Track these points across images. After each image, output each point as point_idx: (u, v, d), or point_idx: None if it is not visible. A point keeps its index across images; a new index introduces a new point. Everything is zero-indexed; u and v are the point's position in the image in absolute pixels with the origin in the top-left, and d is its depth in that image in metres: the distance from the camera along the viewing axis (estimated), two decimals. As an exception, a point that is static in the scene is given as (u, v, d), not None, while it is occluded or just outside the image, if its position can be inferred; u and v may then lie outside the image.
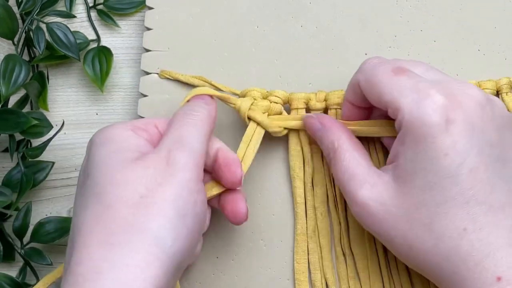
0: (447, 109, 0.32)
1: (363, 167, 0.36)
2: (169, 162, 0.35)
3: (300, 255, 0.42)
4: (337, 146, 0.37)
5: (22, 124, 0.43)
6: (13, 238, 0.45)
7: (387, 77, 0.35)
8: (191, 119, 0.37)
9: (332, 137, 0.38)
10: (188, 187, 0.34)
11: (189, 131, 0.36)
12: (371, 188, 0.35)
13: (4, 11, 0.44)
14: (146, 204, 0.33)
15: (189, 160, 0.35)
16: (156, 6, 0.45)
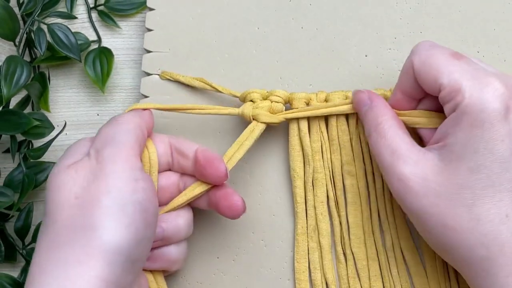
0: (507, 97, 0.33)
1: (406, 144, 0.36)
2: (99, 159, 0.36)
3: (300, 255, 0.42)
4: (381, 121, 0.37)
5: (23, 125, 0.43)
6: (15, 239, 0.45)
7: (446, 60, 0.35)
8: (116, 121, 0.38)
9: (377, 112, 0.38)
10: (122, 177, 0.35)
11: (115, 129, 0.38)
12: (415, 164, 0.35)
13: (5, 12, 0.44)
14: (82, 202, 0.34)
15: (117, 152, 0.36)
16: (157, 7, 0.45)
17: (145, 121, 0.40)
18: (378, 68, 0.43)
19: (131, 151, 0.36)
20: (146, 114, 0.40)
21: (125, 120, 0.38)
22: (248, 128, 0.41)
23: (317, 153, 0.42)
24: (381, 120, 0.37)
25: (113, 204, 0.34)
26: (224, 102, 0.44)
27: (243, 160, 0.43)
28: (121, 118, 0.39)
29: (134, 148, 0.37)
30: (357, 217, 0.42)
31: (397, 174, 0.35)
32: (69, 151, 0.38)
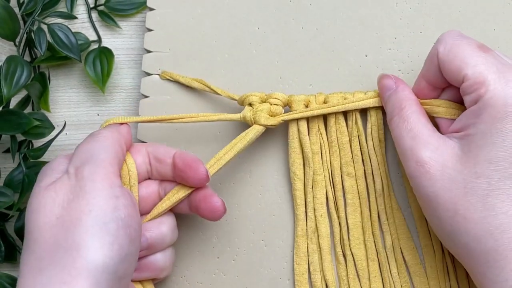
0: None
1: (428, 130, 0.36)
2: (78, 177, 0.35)
3: (300, 257, 0.42)
4: (405, 106, 0.38)
5: (23, 125, 0.43)
6: (15, 239, 0.45)
7: (472, 50, 0.36)
8: (94, 137, 0.38)
9: (402, 97, 0.38)
10: (102, 195, 0.35)
11: (93, 146, 0.37)
12: (435, 150, 0.35)
13: (6, 12, 0.44)
14: (63, 222, 0.34)
15: (96, 169, 0.36)
16: (157, 7, 0.45)
17: (123, 135, 0.39)
18: (378, 68, 0.43)
19: (110, 168, 0.36)
20: (124, 128, 0.40)
21: (103, 137, 0.38)
22: (244, 131, 0.41)
23: (316, 154, 0.42)
24: (405, 105, 0.38)
25: (95, 223, 0.34)
26: (224, 102, 0.44)
27: (243, 160, 0.43)
28: (99, 135, 0.38)
29: (113, 164, 0.37)
30: (357, 218, 0.42)
31: (416, 157, 0.35)
32: (46, 171, 0.37)
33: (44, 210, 0.35)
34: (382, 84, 0.40)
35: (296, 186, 0.42)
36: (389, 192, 0.42)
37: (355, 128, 0.42)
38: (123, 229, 0.35)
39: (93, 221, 0.34)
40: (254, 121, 0.41)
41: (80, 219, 0.34)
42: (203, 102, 0.44)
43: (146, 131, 0.44)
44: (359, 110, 0.42)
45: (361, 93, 0.42)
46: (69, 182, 0.35)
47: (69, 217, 0.34)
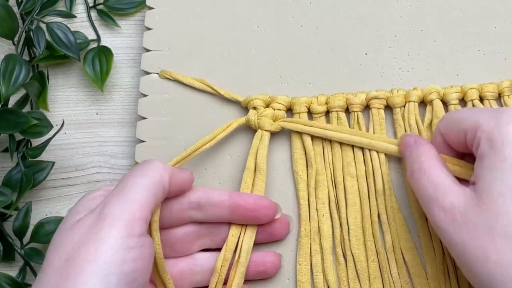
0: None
1: (449, 179, 0.36)
2: (100, 217, 0.33)
3: (303, 257, 0.42)
4: (425, 159, 0.37)
5: (22, 124, 0.43)
6: (13, 238, 0.45)
7: (468, 109, 0.38)
8: (140, 169, 0.36)
9: (421, 151, 0.38)
10: (113, 245, 0.32)
11: (133, 181, 0.35)
12: (456, 196, 0.35)
13: (4, 11, 0.44)
14: (68, 266, 0.32)
15: (121, 212, 0.33)
16: (156, 6, 0.45)
17: (176, 177, 0.37)
18: (378, 66, 0.43)
19: (138, 213, 0.34)
20: (183, 171, 0.39)
21: (149, 173, 0.36)
22: (256, 137, 0.42)
23: (318, 155, 0.42)
24: (425, 158, 0.37)
25: (95, 275, 0.32)
26: (222, 100, 0.44)
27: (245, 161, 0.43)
28: (147, 167, 0.36)
29: (144, 208, 0.34)
30: (357, 218, 0.42)
31: (443, 205, 0.34)
32: (77, 207, 0.36)
33: (59, 249, 0.33)
34: (403, 141, 0.40)
35: (299, 186, 0.42)
36: (389, 192, 0.41)
37: (357, 127, 0.42)
38: (125, 285, 0.32)
39: (94, 272, 0.32)
40: (258, 126, 0.42)
41: (83, 268, 0.32)
42: (201, 100, 0.44)
43: (146, 131, 0.44)
44: (361, 110, 0.42)
45: (363, 94, 0.42)
46: (90, 220, 0.34)
47: (75, 263, 0.32)
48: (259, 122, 0.42)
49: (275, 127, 0.42)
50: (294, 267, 0.42)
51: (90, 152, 0.47)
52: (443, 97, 0.42)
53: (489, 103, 0.41)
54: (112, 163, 0.46)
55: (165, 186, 0.36)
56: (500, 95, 0.41)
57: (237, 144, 0.43)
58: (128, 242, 0.33)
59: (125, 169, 0.46)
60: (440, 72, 0.43)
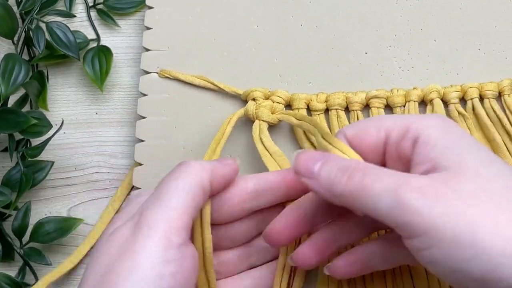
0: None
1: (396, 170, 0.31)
2: (136, 227, 0.31)
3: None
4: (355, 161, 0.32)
5: (21, 124, 0.43)
6: (13, 238, 0.45)
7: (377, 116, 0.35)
8: (177, 172, 0.33)
9: (340, 158, 0.32)
10: (149, 259, 0.30)
11: (168, 185, 0.32)
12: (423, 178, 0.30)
13: (4, 10, 0.44)
14: (103, 282, 0.30)
15: (158, 221, 0.31)
16: (156, 6, 0.45)
17: (217, 174, 0.34)
18: (378, 65, 0.43)
19: (176, 222, 0.31)
20: (226, 168, 0.35)
21: (185, 175, 0.33)
22: (255, 127, 0.41)
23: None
24: (355, 160, 0.32)
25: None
26: (222, 99, 0.44)
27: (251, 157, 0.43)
28: (184, 169, 0.33)
29: (182, 215, 0.31)
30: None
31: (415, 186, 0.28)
32: (123, 212, 0.34)
33: (97, 261, 0.31)
34: (305, 156, 0.32)
35: None
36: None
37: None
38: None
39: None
40: (256, 116, 0.41)
41: (117, 284, 0.29)
42: (201, 100, 0.44)
43: (145, 130, 0.44)
44: (361, 109, 0.42)
45: (363, 93, 0.42)
46: (127, 230, 0.31)
47: (110, 278, 0.30)
48: (257, 112, 0.41)
49: (272, 119, 0.42)
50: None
51: (90, 151, 0.47)
52: (443, 96, 0.42)
53: (489, 102, 0.41)
54: (111, 163, 0.46)
55: (205, 187, 0.33)
56: (500, 94, 0.41)
57: (237, 143, 0.43)
58: (166, 255, 0.30)
59: (125, 168, 0.46)
60: (440, 71, 0.43)
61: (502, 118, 0.41)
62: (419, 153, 0.31)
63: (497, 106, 0.41)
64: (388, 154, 0.33)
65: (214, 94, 0.44)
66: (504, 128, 0.41)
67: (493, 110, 0.41)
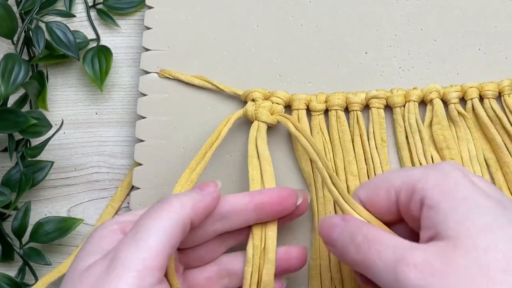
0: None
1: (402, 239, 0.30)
2: (111, 266, 0.30)
3: (314, 253, 0.41)
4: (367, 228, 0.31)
5: (21, 124, 0.42)
6: (12, 238, 0.45)
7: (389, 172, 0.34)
8: (157, 211, 0.32)
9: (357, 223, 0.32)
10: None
11: (148, 222, 0.32)
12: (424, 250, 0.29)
13: (4, 10, 0.44)
14: None
15: (133, 260, 0.30)
16: (155, 6, 0.45)
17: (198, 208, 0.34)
18: (378, 65, 0.43)
19: (151, 262, 0.30)
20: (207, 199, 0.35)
21: (165, 214, 0.32)
22: (253, 128, 0.41)
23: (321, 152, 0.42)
24: (366, 228, 0.32)
25: None
26: (221, 99, 0.44)
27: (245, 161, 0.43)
28: (164, 207, 0.32)
29: (158, 256, 0.31)
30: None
31: (412, 263, 0.28)
32: (90, 244, 0.32)
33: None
34: (327, 223, 0.33)
35: (307, 181, 0.42)
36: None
37: (356, 127, 0.42)
38: None
39: None
40: (255, 117, 0.41)
41: None
42: (201, 100, 0.44)
43: (145, 130, 0.44)
44: (361, 109, 0.42)
45: (363, 93, 0.42)
46: (101, 269, 0.30)
47: None
48: (256, 113, 0.41)
49: (271, 120, 0.41)
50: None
51: (89, 151, 0.47)
52: (443, 96, 0.41)
53: (489, 102, 0.41)
54: (111, 163, 0.46)
55: (186, 225, 0.33)
56: (500, 94, 0.41)
57: (236, 143, 0.43)
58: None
59: (125, 168, 0.46)
60: (440, 71, 0.43)
61: (502, 118, 0.41)
62: (425, 217, 0.30)
63: (497, 106, 0.41)
64: (403, 212, 0.32)
65: (214, 94, 0.44)
66: (504, 128, 0.41)
67: (493, 110, 0.41)
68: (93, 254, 0.32)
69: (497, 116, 0.41)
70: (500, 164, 0.41)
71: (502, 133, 0.41)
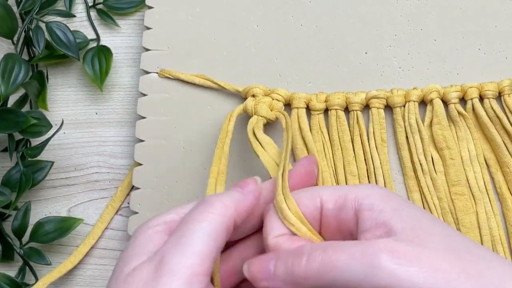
0: None
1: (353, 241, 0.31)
2: (158, 272, 0.29)
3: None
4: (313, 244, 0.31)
5: (21, 124, 0.42)
6: (12, 238, 0.45)
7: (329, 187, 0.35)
8: (202, 213, 0.31)
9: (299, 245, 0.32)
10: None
11: (192, 228, 0.31)
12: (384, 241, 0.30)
13: (4, 10, 0.44)
14: None
15: (180, 266, 0.29)
16: (155, 6, 0.45)
17: (240, 208, 0.33)
18: (378, 65, 0.43)
19: (198, 268, 0.30)
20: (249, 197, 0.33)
21: (209, 217, 0.31)
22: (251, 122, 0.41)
23: (319, 152, 0.42)
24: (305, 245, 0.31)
25: None
26: (221, 99, 0.44)
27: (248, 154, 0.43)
28: (207, 209, 0.31)
29: (205, 261, 0.30)
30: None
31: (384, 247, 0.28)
32: (135, 245, 0.32)
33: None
34: (256, 264, 0.32)
35: None
36: (390, 192, 0.41)
37: (356, 127, 0.42)
38: None
39: None
40: (254, 112, 0.41)
41: None
42: (201, 100, 0.44)
43: (145, 130, 0.44)
44: (361, 109, 0.42)
45: (363, 93, 0.42)
46: (147, 272, 0.30)
47: None
48: (256, 107, 0.41)
49: (271, 115, 0.41)
50: None
51: (90, 151, 0.47)
52: (443, 96, 0.41)
53: (489, 102, 0.41)
54: (111, 163, 0.46)
55: (229, 227, 0.32)
56: (500, 94, 0.41)
57: (236, 143, 0.43)
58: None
59: (125, 168, 0.46)
60: (440, 71, 0.43)
61: (502, 118, 0.41)
62: (366, 220, 0.31)
63: (497, 106, 0.41)
64: (325, 225, 0.33)
65: (214, 94, 0.44)
66: (504, 128, 0.41)
67: (493, 110, 0.41)
68: (138, 256, 0.31)
69: (497, 116, 0.41)
70: (500, 164, 0.41)
71: (502, 133, 0.41)
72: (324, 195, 0.33)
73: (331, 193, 0.33)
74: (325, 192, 0.33)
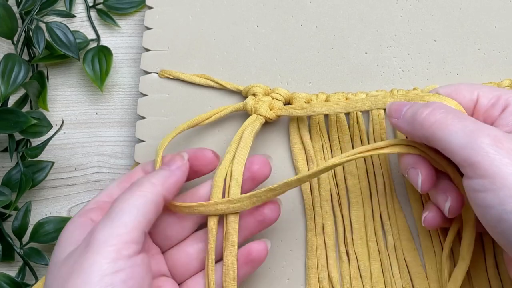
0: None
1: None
2: (88, 246, 0.32)
3: (310, 252, 0.42)
4: (444, 105, 0.34)
5: (21, 124, 0.43)
6: (12, 238, 0.45)
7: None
8: (130, 190, 0.35)
9: (435, 103, 0.36)
10: (98, 272, 0.31)
11: (122, 203, 0.34)
12: (497, 130, 0.33)
13: (4, 10, 0.44)
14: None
15: (109, 236, 0.32)
16: (156, 6, 0.45)
17: (168, 185, 0.36)
18: (379, 65, 0.43)
19: (125, 236, 0.33)
20: (176, 173, 0.37)
21: (137, 194, 0.34)
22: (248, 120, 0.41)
23: (318, 152, 0.42)
24: (443, 105, 0.34)
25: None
26: (222, 99, 0.44)
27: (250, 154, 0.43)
28: (135, 189, 0.35)
29: (133, 231, 0.33)
30: (360, 217, 0.41)
31: (490, 133, 0.31)
32: (61, 240, 0.35)
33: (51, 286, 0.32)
34: (394, 107, 0.37)
35: None
36: (391, 192, 0.41)
37: (356, 127, 0.42)
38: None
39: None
40: (254, 110, 0.41)
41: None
42: (201, 99, 0.44)
43: (145, 130, 0.44)
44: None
45: (363, 93, 0.42)
46: (79, 251, 0.32)
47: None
48: (256, 106, 0.41)
49: (270, 114, 0.41)
50: (294, 267, 0.42)
51: (90, 152, 0.47)
52: (443, 96, 0.42)
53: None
54: (111, 163, 0.46)
55: (158, 202, 0.35)
56: (500, 94, 0.41)
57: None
58: (115, 266, 0.32)
59: (125, 169, 0.46)
60: (440, 72, 0.43)
61: (502, 118, 0.41)
62: (503, 118, 0.34)
63: None
64: (474, 117, 0.36)
65: (214, 94, 0.44)
66: (504, 128, 0.41)
67: (493, 110, 0.41)
68: (69, 245, 0.34)
69: (497, 116, 0.41)
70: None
71: (502, 133, 0.41)
72: (482, 91, 0.36)
73: (488, 90, 0.36)
74: (484, 89, 0.36)
